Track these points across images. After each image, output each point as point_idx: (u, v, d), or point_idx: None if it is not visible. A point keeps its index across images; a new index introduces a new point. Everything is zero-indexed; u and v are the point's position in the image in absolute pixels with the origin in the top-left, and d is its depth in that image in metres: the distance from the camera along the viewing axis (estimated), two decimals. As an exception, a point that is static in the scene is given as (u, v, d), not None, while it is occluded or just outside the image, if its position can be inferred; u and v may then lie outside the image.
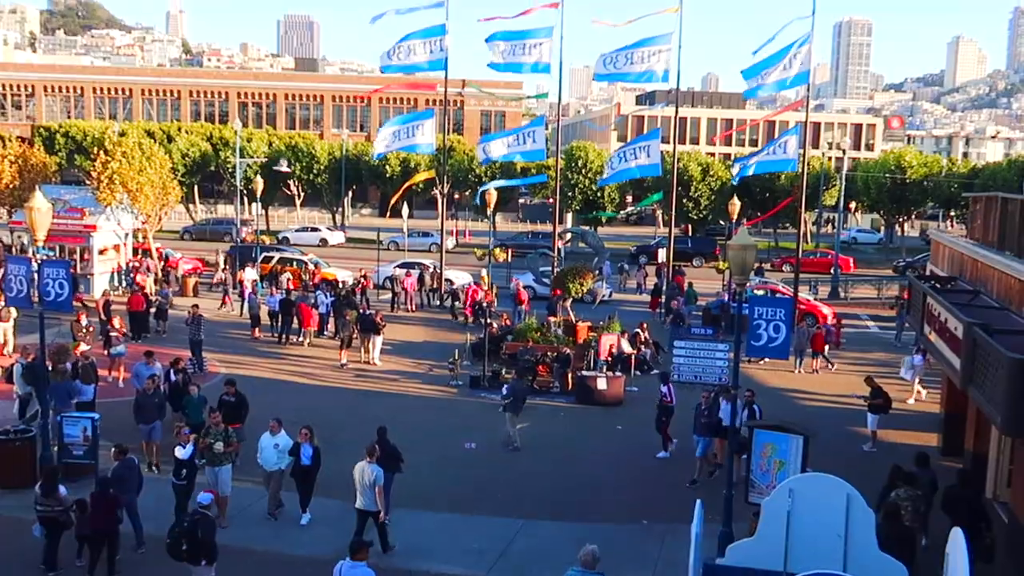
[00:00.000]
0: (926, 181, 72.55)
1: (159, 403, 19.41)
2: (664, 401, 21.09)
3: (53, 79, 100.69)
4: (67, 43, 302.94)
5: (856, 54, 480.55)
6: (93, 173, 40.14)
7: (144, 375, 20.51)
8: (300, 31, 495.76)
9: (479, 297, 35.99)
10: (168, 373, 21.24)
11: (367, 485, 14.91)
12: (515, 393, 21.81)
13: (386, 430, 16.68)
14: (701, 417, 19.52)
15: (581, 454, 21.15)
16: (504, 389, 22.59)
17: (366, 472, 14.93)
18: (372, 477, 14.88)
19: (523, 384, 23.21)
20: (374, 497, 14.88)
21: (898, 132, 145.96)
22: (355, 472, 15.14)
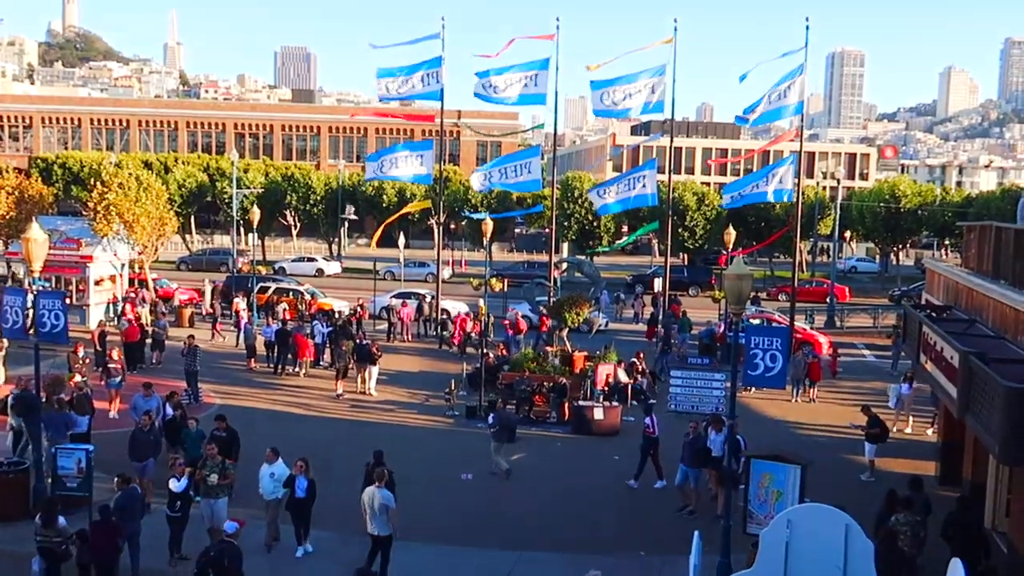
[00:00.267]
0: (920, 210, 72.86)
1: (154, 439, 19.16)
2: (647, 432, 20.99)
3: (50, 110, 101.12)
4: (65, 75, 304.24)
5: (849, 84, 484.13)
6: (90, 204, 40.21)
7: (141, 408, 20.38)
8: (297, 63, 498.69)
9: (467, 327, 36.09)
10: (164, 407, 21.08)
11: (377, 510, 15.04)
12: (501, 422, 21.84)
13: (383, 454, 16.88)
14: (688, 447, 19.39)
15: (578, 485, 21.06)
16: (490, 418, 22.58)
17: (376, 497, 15.06)
18: (382, 501, 15.04)
19: (509, 413, 23.27)
20: (386, 521, 15.03)
21: (892, 161, 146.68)
22: (364, 498, 15.28)
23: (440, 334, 38.23)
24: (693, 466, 19.35)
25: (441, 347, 37.37)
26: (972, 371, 14.14)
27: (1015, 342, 15.99)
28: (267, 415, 26.55)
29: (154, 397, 21.35)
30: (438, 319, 40.55)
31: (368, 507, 15.15)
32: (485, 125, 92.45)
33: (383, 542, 15.19)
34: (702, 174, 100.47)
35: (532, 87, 36.86)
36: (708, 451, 19.35)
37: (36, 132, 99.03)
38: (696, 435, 19.43)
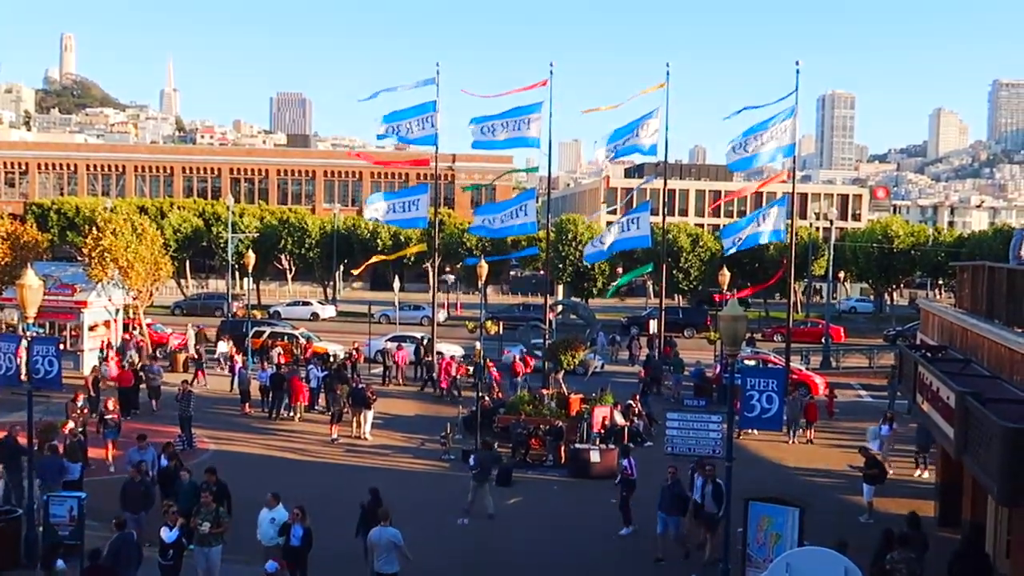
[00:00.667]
0: (913, 250, 73.20)
1: (145, 491, 18.72)
2: (625, 474, 20.66)
3: (47, 157, 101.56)
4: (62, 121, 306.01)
5: (840, 126, 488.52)
6: (84, 249, 40.22)
7: (135, 460, 19.93)
8: (292, 108, 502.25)
9: (453, 371, 36.10)
10: (158, 458, 20.79)
11: (385, 548, 15.41)
12: (482, 464, 21.86)
13: (379, 491, 17.60)
14: (667, 492, 18.85)
15: (575, 529, 20.88)
16: (471, 459, 22.63)
17: (385, 535, 15.47)
18: (391, 539, 15.45)
19: (490, 454, 23.18)
20: (395, 559, 15.45)
21: (884, 202, 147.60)
22: (371, 537, 15.69)
23: (427, 377, 38.07)
24: (671, 513, 18.72)
25: (423, 389, 37.32)
26: (969, 411, 14.12)
27: (1011, 382, 15.99)
28: (262, 460, 26.36)
29: (149, 449, 20.96)
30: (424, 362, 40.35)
31: (376, 545, 15.44)
32: (480, 169, 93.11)
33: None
34: (696, 216, 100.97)
35: (526, 131, 37.13)
36: (687, 498, 18.89)
37: (32, 178, 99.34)
38: (675, 480, 18.89)
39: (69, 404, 25.90)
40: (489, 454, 22.82)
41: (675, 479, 18.88)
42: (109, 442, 25.06)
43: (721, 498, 18.27)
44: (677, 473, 19.08)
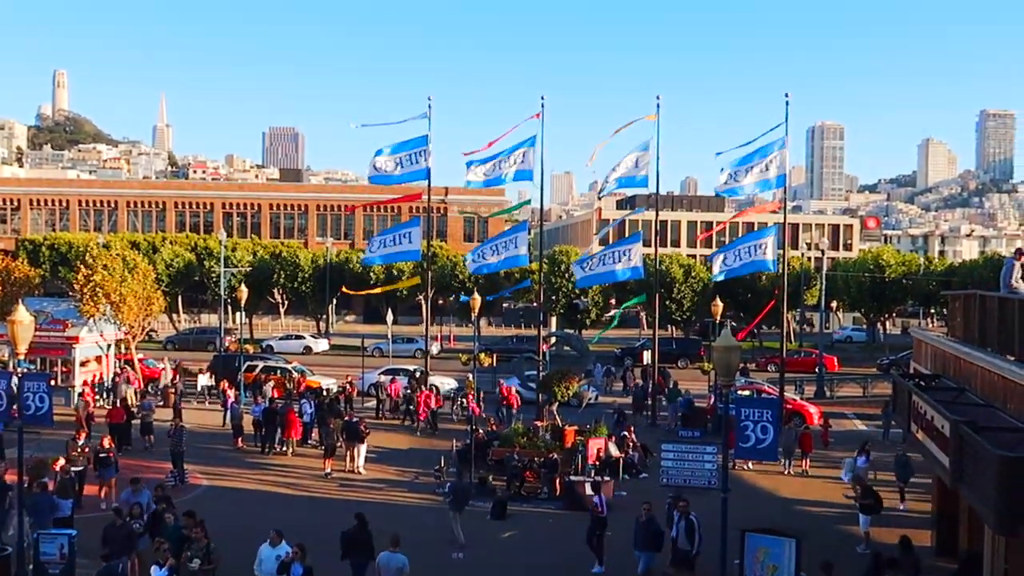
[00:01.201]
0: (905, 279, 73.47)
1: (128, 534, 17.97)
2: (596, 512, 20.26)
3: (39, 193, 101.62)
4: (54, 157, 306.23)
5: (830, 157, 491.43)
6: (76, 285, 40.14)
7: (131, 503, 19.29)
8: (285, 142, 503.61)
9: (431, 403, 36.10)
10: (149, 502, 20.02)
11: (391, 572, 16.36)
12: (455, 492, 22.26)
13: (364, 515, 18.22)
14: (642, 529, 18.60)
15: (570, 564, 20.69)
16: (446, 487, 23.01)
17: (392, 561, 16.41)
18: (399, 565, 16.44)
19: (463, 484, 23.56)
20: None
21: (875, 232, 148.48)
22: (379, 562, 16.61)
23: (407, 410, 37.89)
24: (646, 549, 18.50)
25: (404, 422, 37.20)
26: (964, 440, 14.12)
27: (1004, 410, 16.00)
28: (255, 495, 26.19)
29: (144, 491, 20.28)
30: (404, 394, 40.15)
31: (386, 570, 16.33)
32: (472, 202, 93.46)
33: None
34: (688, 246, 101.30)
35: (520, 164, 37.33)
36: (662, 533, 18.56)
37: (24, 214, 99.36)
38: (649, 517, 18.59)
39: (70, 443, 25.25)
40: (461, 484, 23.26)
41: (650, 515, 18.58)
42: (112, 480, 24.29)
43: (694, 534, 18.04)
44: (652, 509, 18.78)
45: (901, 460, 25.87)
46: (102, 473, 24.39)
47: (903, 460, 25.75)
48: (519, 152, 37.35)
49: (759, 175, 35.40)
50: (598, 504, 20.23)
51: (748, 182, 35.69)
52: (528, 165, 37.49)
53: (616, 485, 26.52)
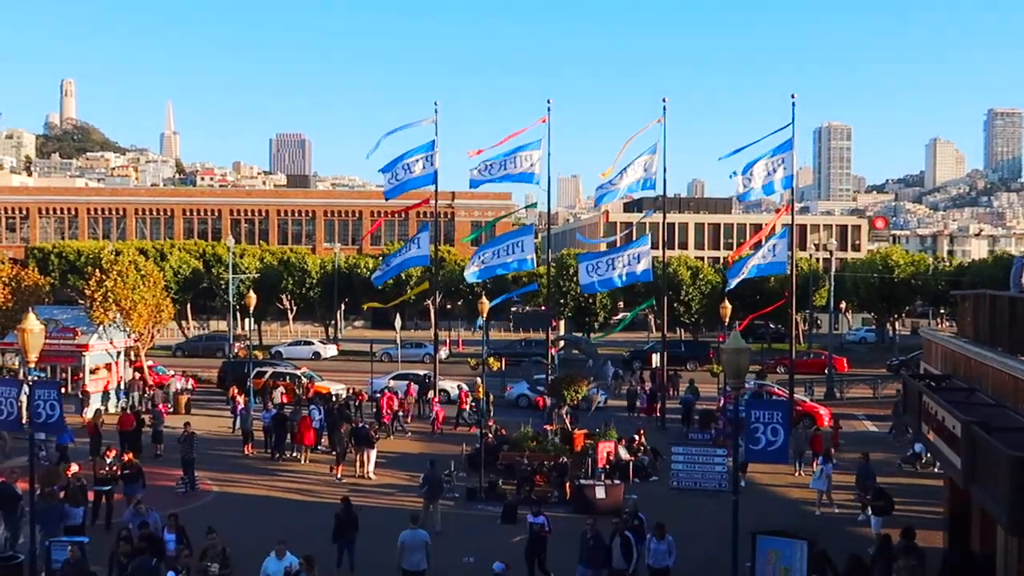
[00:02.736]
0: (914, 279, 73.22)
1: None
2: (543, 532, 19.56)
3: (47, 201, 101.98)
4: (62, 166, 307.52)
5: (837, 157, 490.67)
6: (87, 292, 40.24)
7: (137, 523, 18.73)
8: (292, 149, 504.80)
9: (395, 405, 36.13)
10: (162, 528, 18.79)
11: (416, 547, 17.55)
12: (430, 482, 23.46)
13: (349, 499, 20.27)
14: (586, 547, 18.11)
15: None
16: (421, 479, 24.12)
17: (417, 536, 17.69)
18: (424, 539, 17.79)
19: (438, 473, 24.33)
20: (424, 557, 17.59)
21: (883, 232, 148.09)
22: (403, 538, 17.59)
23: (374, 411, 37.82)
24: (591, 565, 18.06)
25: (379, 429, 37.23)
26: (975, 441, 14.05)
27: (1016, 410, 15.92)
28: (265, 502, 26.22)
29: (151, 513, 19.48)
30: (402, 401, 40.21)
31: (410, 546, 17.50)
32: (479, 206, 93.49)
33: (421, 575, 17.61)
34: (695, 248, 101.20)
35: (526, 167, 37.37)
36: (608, 551, 18.10)
37: (33, 223, 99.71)
38: (595, 533, 18.15)
39: (98, 460, 24.85)
40: (435, 474, 24.00)
41: (595, 532, 18.17)
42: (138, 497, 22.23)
43: (631, 552, 17.77)
44: (596, 526, 18.38)
45: (863, 468, 25.15)
46: (128, 490, 23.13)
47: (865, 468, 25.07)
48: (525, 155, 37.40)
49: (767, 177, 35.32)
50: (544, 525, 19.58)
51: (755, 185, 35.60)
52: (535, 169, 37.54)
53: (626, 488, 26.45)
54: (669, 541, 18.02)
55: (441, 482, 24.52)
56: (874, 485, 24.41)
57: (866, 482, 24.73)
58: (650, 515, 21.69)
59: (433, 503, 23.30)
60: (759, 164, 35.28)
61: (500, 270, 39.39)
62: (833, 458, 26.69)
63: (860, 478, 25.00)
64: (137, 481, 23.57)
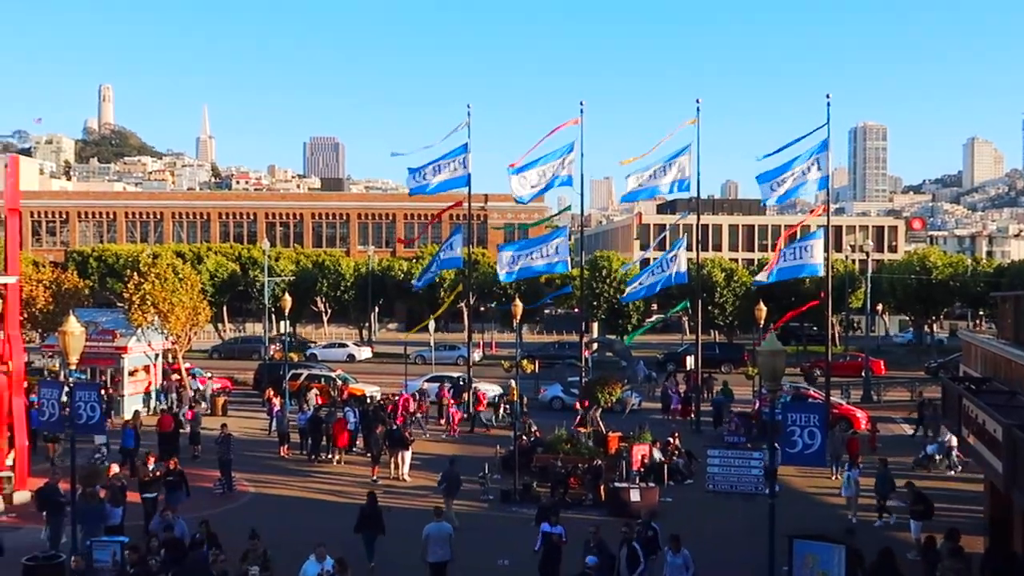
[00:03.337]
0: (952, 281, 72.27)
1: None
2: (560, 541, 18.76)
3: (86, 205, 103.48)
4: (100, 170, 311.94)
5: (873, 158, 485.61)
6: (125, 295, 40.75)
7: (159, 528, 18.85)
8: (326, 152, 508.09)
9: (411, 408, 36.20)
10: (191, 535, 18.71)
11: (441, 540, 18.22)
12: (448, 479, 24.17)
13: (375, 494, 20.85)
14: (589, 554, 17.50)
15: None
16: (440, 476, 24.86)
17: (442, 529, 18.39)
18: (449, 531, 18.52)
19: (456, 470, 24.70)
20: (448, 550, 18.27)
21: (920, 233, 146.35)
22: (429, 531, 18.30)
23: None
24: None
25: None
26: (1017, 444, 13.87)
27: (1059, 413, 15.69)
28: (302, 503, 26.41)
29: (179, 521, 19.42)
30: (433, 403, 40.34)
31: (435, 538, 18.16)
32: (512, 208, 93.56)
33: (445, 567, 18.25)
34: (730, 250, 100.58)
35: (560, 171, 37.39)
36: (613, 557, 17.68)
37: (73, 227, 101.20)
38: (598, 542, 17.75)
39: (140, 466, 24.81)
40: (454, 471, 24.56)
41: (599, 540, 17.80)
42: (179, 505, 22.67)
43: (636, 563, 17.39)
44: (600, 534, 18.02)
45: (881, 475, 24.81)
46: (171, 498, 22.90)
47: (883, 475, 24.72)
48: (560, 160, 37.43)
49: (800, 178, 34.99)
50: (561, 534, 18.87)
51: (789, 187, 35.27)
52: (568, 171, 37.55)
53: (661, 491, 26.35)
54: (685, 555, 17.44)
55: (459, 479, 24.78)
56: (895, 491, 24.16)
57: (884, 487, 24.45)
58: (683, 518, 21.62)
59: (450, 499, 23.70)
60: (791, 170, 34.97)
61: (534, 272, 39.41)
62: (860, 463, 26.38)
63: (878, 484, 24.72)
64: (180, 489, 23.37)
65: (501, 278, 40.54)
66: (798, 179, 34.78)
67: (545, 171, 37.56)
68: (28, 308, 41.96)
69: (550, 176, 37.56)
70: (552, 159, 37.60)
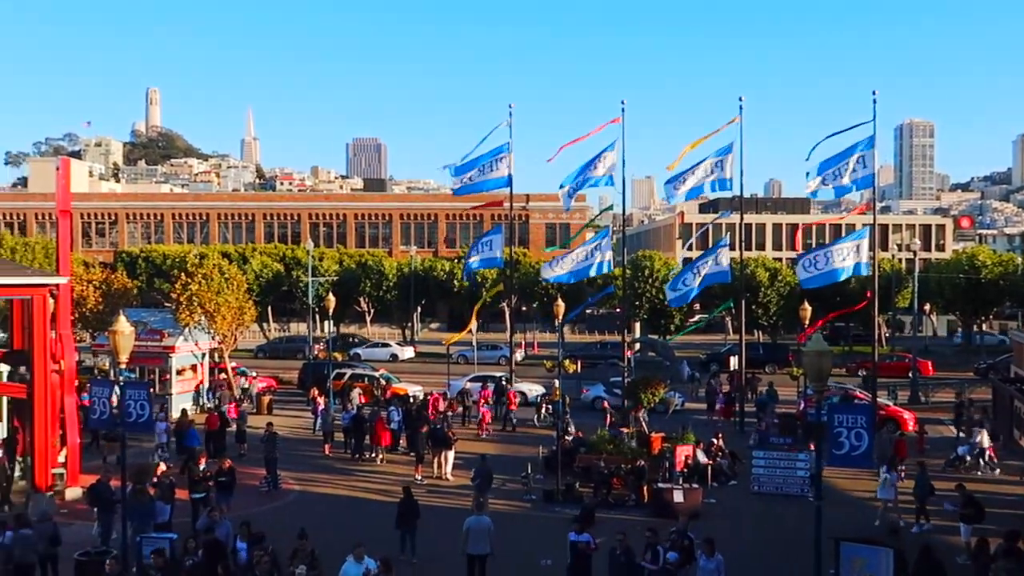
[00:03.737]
0: (1002, 280, 70.96)
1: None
2: (589, 549, 18.43)
3: (135, 207, 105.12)
4: (148, 172, 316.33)
5: (920, 155, 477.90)
6: (173, 295, 41.34)
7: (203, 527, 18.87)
8: (368, 153, 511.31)
9: (442, 407, 36.23)
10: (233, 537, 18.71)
11: (484, 533, 18.68)
12: (481, 475, 24.92)
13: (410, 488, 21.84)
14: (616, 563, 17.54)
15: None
16: (473, 472, 25.61)
17: (482, 523, 18.84)
18: (489, 526, 18.93)
19: (488, 466, 25.46)
20: (488, 543, 18.68)
21: (968, 231, 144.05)
22: (469, 525, 18.79)
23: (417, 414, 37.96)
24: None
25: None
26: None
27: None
28: (346, 501, 26.65)
29: (224, 523, 19.30)
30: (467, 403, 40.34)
31: (475, 532, 18.60)
32: (554, 208, 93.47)
33: (485, 560, 18.64)
34: (773, 249, 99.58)
35: (601, 170, 37.31)
36: (640, 569, 17.50)
37: (121, 228, 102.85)
38: (625, 549, 17.54)
39: (192, 467, 24.64)
40: (486, 468, 25.25)
41: (625, 547, 17.59)
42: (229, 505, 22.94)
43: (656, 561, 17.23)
44: (627, 540, 17.82)
45: (919, 478, 24.37)
46: (221, 499, 23.04)
47: (921, 478, 24.29)
48: (603, 158, 37.33)
49: (847, 175, 34.57)
50: (590, 542, 18.50)
51: (837, 183, 34.86)
52: (611, 171, 37.46)
53: (705, 492, 26.20)
54: (719, 560, 17.23)
55: (491, 475, 25.45)
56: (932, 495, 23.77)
57: (923, 491, 24.06)
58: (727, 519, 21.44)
59: (484, 496, 23.78)
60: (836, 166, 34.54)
61: (577, 276, 39.36)
62: (898, 466, 25.98)
63: (918, 487, 24.33)
64: (230, 489, 23.60)
65: (546, 279, 40.50)
66: (851, 176, 34.30)
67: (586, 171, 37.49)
68: (79, 308, 42.73)
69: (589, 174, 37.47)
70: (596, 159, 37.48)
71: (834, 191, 35.78)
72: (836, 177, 34.54)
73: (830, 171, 34.65)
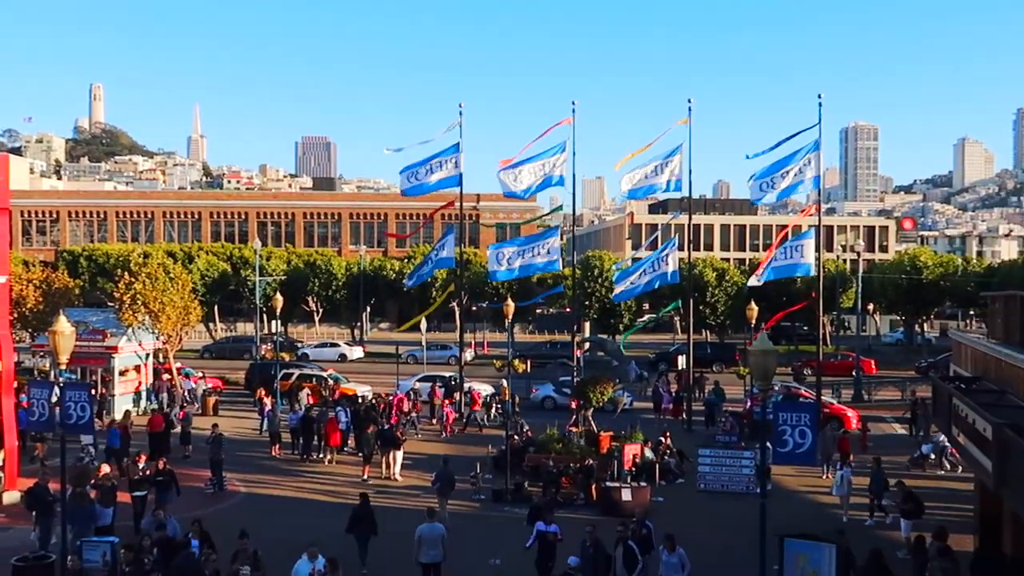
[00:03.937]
0: (943, 280, 72.50)
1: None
2: (554, 538, 18.72)
3: (77, 204, 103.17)
4: (91, 169, 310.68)
5: (864, 158, 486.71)
6: (116, 294, 40.63)
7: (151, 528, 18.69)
8: (318, 152, 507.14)
9: (406, 407, 36.19)
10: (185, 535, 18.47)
11: (437, 540, 18.38)
12: (442, 479, 24.17)
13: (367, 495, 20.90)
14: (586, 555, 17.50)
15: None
16: (434, 476, 24.79)
17: (435, 530, 18.51)
18: (442, 533, 18.64)
19: (450, 470, 24.54)
20: (440, 551, 18.35)
21: (911, 233, 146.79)
22: (421, 532, 18.35)
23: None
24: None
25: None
26: (1007, 443, 13.91)
27: (1049, 412, 15.75)
28: (293, 503, 26.37)
29: (171, 520, 19.26)
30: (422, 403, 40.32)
31: (428, 539, 18.22)
32: (504, 208, 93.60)
33: (437, 568, 18.42)
34: (721, 250, 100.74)
35: (551, 170, 37.39)
36: (609, 560, 17.61)
37: (63, 226, 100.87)
38: (595, 541, 17.68)
39: (130, 465, 24.93)
40: (448, 471, 24.50)
41: (595, 539, 17.73)
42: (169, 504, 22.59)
43: (634, 563, 17.33)
44: (596, 532, 17.97)
45: (876, 473, 24.90)
46: (161, 497, 22.95)
47: (877, 473, 24.82)
48: (552, 159, 37.42)
49: (793, 178, 35.09)
50: (557, 532, 18.86)
51: (782, 187, 35.37)
52: (560, 171, 37.56)
53: (653, 491, 26.38)
54: (681, 554, 17.39)
55: (452, 479, 24.69)
56: (888, 490, 24.23)
57: (878, 487, 24.52)
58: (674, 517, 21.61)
59: (444, 499, 23.71)
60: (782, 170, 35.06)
61: (526, 272, 39.37)
62: (852, 463, 26.47)
63: (873, 483, 24.79)
64: (170, 489, 23.45)
65: (496, 276, 40.38)
66: (796, 177, 34.85)
67: (536, 169, 37.53)
68: (18, 308, 41.85)
69: (543, 175, 37.53)
70: (544, 157, 37.58)
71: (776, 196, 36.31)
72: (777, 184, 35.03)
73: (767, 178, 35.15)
